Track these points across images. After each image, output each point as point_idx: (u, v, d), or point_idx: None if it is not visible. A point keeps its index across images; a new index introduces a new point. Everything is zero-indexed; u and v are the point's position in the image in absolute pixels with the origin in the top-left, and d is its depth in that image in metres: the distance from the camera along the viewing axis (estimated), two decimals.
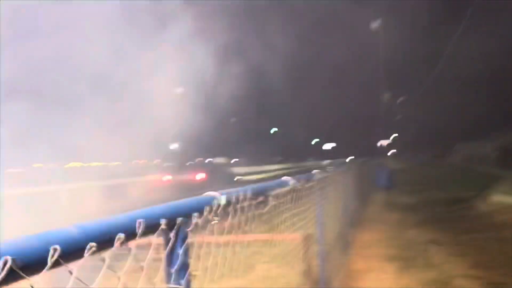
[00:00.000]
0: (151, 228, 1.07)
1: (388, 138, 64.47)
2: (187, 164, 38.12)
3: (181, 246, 1.21)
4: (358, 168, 14.40)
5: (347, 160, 25.61)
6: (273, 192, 2.17)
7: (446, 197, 14.33)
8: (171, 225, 1.17)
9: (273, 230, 2.84)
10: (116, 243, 0.91)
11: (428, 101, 52.59)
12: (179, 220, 1.17)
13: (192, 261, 1.28)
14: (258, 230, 2.26)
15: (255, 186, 1.98)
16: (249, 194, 1.76)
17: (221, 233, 1.76)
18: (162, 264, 1.23)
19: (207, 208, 1.38)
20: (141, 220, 1.01)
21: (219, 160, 43.16)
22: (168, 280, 1.21)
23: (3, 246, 0.69)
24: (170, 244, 1.18)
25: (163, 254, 1.22)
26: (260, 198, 1.94)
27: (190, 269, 1.23)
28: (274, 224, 2.69)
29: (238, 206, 1.67)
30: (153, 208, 1.14)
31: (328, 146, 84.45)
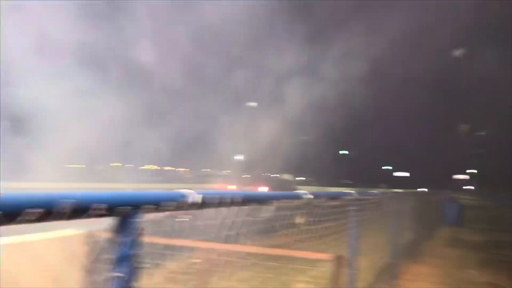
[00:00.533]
0: (85, 212, 1.06)
1: (465, 173, 61.06)
2: (254, 177, 38.58)
3: (128, 237, 1.19)
4: (427, 200, 13.75)
5: (417, 190, 24.47)
6: (275, 202, 2.09)
7: None
8: (116, 212, 1.15)
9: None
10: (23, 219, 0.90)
11: None
12: (123, 208, 1.15)
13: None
14: (255, 240, 2.19)
15: (252, 192, 1.92)
16: (239, 198, 1.70)
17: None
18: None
19: (173, 203, 1.35)
20: (70, 200, 1.00)
21: (286, 176, 43.16)
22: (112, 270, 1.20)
23: None
24: (112, 233, 1.17)
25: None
26: (255, 204, 1.87)
27: (134, 260, 1.21)
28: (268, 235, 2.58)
29: (221, 208, 1.62)
30: (97, 193, 1.13)
31: (400, 174, 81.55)
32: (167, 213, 1.40)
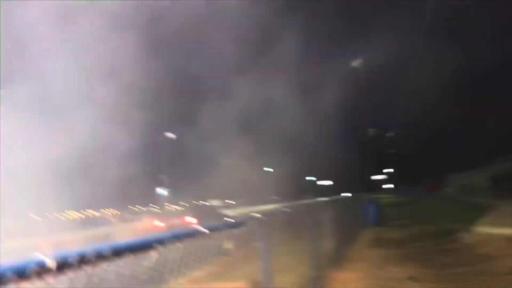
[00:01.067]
0: None
1: (383, 173, 64.52)
2: (180, 207, 38.04)
3: None
4: (346, 205, 14.28)
5: (341, 195, 25.40)
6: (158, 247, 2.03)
7: (433, 230, 14.13)
8: None
9: None
10: None
11: (422, 134, 52.91)
12: None
13: None
14: None
15: (126, 241, 1.83)
16: (107, 252, 1.63)
17: None
18: None
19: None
20: None
21: (214, 202, 42.92)
22: None
23: None
24: None
25: None
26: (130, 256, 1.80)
27: None
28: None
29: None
30: None
31: (324, 183, 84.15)
32: None
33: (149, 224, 25.86)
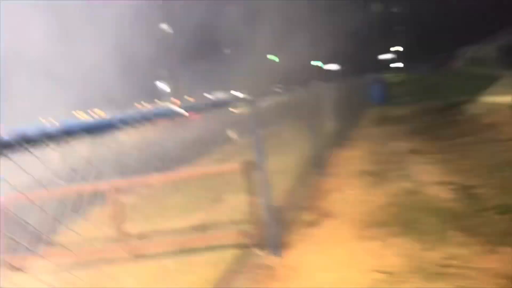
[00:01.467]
0: None
1: (390, 52, 62.90)
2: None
3: None
4: (352, 86, 14.06)
5: (347, 79, 24.93)
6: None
7: (439, 105, 14.03)
8: None
9: None
10: None
11: (429, 7, 50.63)
12: None
13: None
14: None
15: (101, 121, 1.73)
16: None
17: None
18: None
19: None
20: None
21: (218, 94, 42.80)
22: None
23: None
24: None
25: None
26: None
27: None
28: None
29: None
30: None
31: (330, 66, 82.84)
32: None
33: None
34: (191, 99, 38.95)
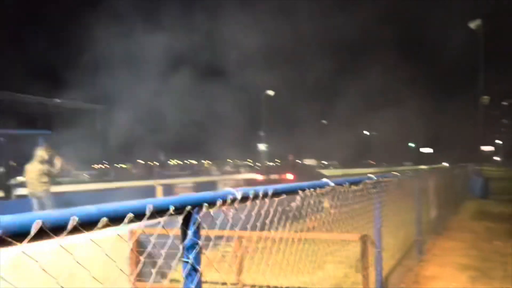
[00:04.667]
0: (163, 212, 1.38)
1: (491, 144, 60.20)
2: (278, 164, 39.06)
3: (191, 228, 1.51)
4: (452, 175, 13.81)
5: (443, 165, 24.38)
6: (302, 192, 2.39)
7: None
8: (183, 211, 1.47)
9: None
10: (125, 220, 1.23)
11: None
12: (188, 207, 1.47)
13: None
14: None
15: (283, 185, 2.22)
16: (270, 192, 2.01)
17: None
18: None
19: (220, 200, 1.66)
20: (151, 204, 1.32)
21: (309, 161, 43.54)
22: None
23: (35, 214, 1.03)
24: (180, 227, 1.50)
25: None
26: (284, 196, 2.17)
27: (199, 248, 1.53)
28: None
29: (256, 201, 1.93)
30: (169, 198, 1.45)
31: (425, 150, 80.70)
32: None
33: (247, 177, 27.02)
34: (281, 162, 39.73)
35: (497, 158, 60.22)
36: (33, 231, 1.00)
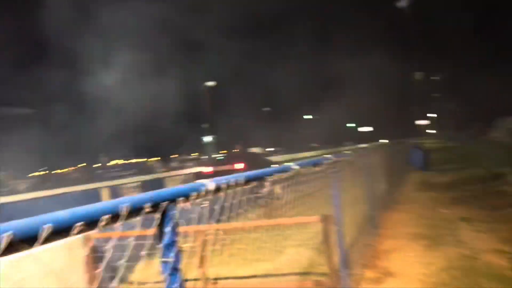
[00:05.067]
0: (138, 211, 1.29)
1: (425, 118, 63.28)
2: (224, 155, 38.97)
3: (168, 226, 1.42)
4: (392, 150, 14.34)
5: (381, 142, 25.30)
6: (270, 178, 2.36)
7: (481, 174, 14.06)
8: (158, 208, 1.38)
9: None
10: (101, 224, 1.13)
11: (466, 78, 51.18)
12: (164, 203, 1.39)
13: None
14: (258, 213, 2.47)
15: (252, 172, 2.17)
16: (241, 180, 1.95)
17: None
18: None
19: (194, 194, 1.59)
20: (125, 205, 1.23)
21: (255, 150, 43.70)
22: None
23: (5, 225, 0.91)
24: (156, 224, 1.41)
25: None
26: (254, 183, 2.12)
27: (178, 246, 1.45)
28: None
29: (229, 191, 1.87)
30: (143, 195, 1.35)
31: (364, 129, 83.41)
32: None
33: (195, 170, 26.71)
34: (227, 152, 39.72)
35: (432, 131, 63.32)
36: (3, 245, 0.89)
